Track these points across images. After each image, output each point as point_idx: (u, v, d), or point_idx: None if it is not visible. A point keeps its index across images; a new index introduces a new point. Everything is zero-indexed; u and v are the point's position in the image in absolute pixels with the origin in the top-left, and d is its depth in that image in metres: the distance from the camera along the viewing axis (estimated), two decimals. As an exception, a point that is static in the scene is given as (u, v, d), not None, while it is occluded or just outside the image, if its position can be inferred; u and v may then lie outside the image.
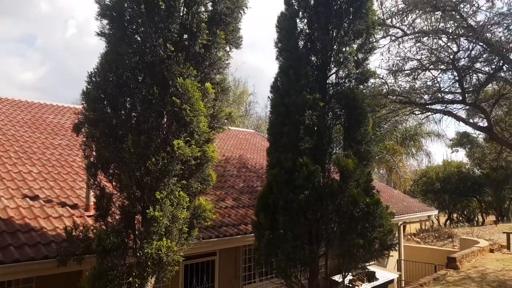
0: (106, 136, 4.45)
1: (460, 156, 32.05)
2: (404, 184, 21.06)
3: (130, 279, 3.98)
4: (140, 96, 4.20)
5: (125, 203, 4.43)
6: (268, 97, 6.80)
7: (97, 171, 4.59)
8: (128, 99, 4.50)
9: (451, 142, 28.83)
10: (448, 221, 33.90)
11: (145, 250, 3.95)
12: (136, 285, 4.00)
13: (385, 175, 25.08)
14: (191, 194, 4.60)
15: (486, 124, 9.14)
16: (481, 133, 15.71)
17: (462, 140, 28.24)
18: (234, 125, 24.59)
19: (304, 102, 6.13)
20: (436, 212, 14.10)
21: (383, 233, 5.36)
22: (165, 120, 4.42)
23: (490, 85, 10.51)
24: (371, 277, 11.02)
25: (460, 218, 35.47)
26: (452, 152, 32.95)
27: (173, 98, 4.11)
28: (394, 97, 9.14)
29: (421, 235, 20.16)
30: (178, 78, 4.12)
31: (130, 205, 4.39)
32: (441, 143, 27.62)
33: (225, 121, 4.98)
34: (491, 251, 13.36)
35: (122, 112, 4.53)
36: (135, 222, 4.47)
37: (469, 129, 33.72)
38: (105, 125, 4.46)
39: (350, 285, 10.54)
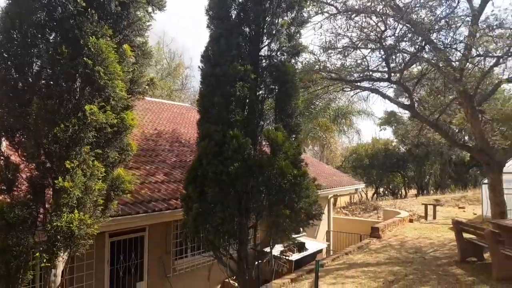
0: (10, 100, 3.99)
1: (388, 134, 34.31)
2: (334, 159, 22.00)
3: (37, 254, 3.67)
4: (47, 56, 3.78)
5: (33, 174, 4.04)
6: (199, 67, 6.57)
7: (1, 139, 4.12)
8: (35, 60, 4.04)
9: (380, 120, 30.57)
10: (375, 195, 36.33)
11: (54, 224, 3.64)
12: (44, 260, 3.70)
13: (319, 152, 26.02)
14: (108, 164, 4.31)
15: (409, 102, 9.70)
16: (406, 111, 16.73)
17: (389, 119, 30.04)
18: (168, 98, 23.89)
19: (235, 73, 6.00)
20: (363, 185, 14.92)
21: (309, 203, 5.49)
22: (78, 84, 4.05)
23: (415, 65, 11.16)
24: (301, 247, 11.49)
25: (386, 192, 38.15)
26: (380, 130, 35.02)
27: (85, 59, 3.75)
28: (326, 74, 9.33)
29: (350, 207, 21.32)
30: (90, 37, 3.75)
31: (38, 176, 4.01)
32: (371, 121, 29.08)
33: (147, 87, 4.70)
34: (411, 221, 14.48)
35: (29, 74, 4.07)
36: (45, 194, 4.11)
37: (396, 109, 35.87)
38: (9, 89, 3.99)
39: (282, 256, 10.89)
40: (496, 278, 7.10)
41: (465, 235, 8.60)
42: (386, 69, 9.25)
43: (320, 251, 12.37)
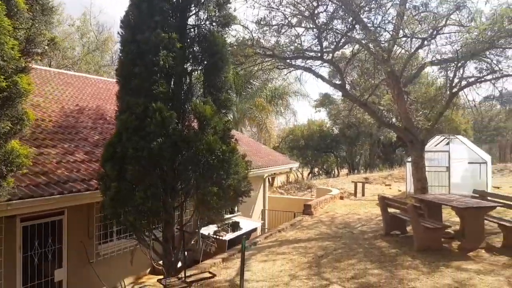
0: None
1: (323, 116, 35.43)
2: (272, 140, 22.16)
3: None
4: None
5: None
6: (118, 33, 5.98)
7: None
8: None
9: (315, 102, 31.33)
10: (310, 174, 37.54)
11: None
12: None
13: (257, 133, 26.09)
14: (-1, 135, 3.70)
15: (341, 82, 9.84)
16: (340, 94, 17.15)
17: (324, 101, 30.89)
18: (96, 74, 22.30)
19: (158, 40, 5.53)
20: (297, 165, 15.17)
21: (238, 180, 5.28)
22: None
23: (347, 46, 11.34)
24: (235, 227, 11.39)
25: (321, 171, 39.55)
26: (316, 112, 35.89)
27: (-39, 7, 3.12)
28: (260, 50, 9.12)
29: (285, 187, 21.71)
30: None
31: None
32: (306, 102, 29.67)
33: (46, 47, 4.10)
34: (341, 198, 15.00)
35: None
36: None
37: (330, 91, 36.90)
38: None
39: (215, 236, 10.70)
40: (417, 249, 7.48)
41: (390, 210, 9.00)
42: (318, 47, 9.25)
43: (255, 229, 12.39)
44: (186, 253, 5.82)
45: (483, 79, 9.97)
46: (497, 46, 8.72)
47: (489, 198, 8.85)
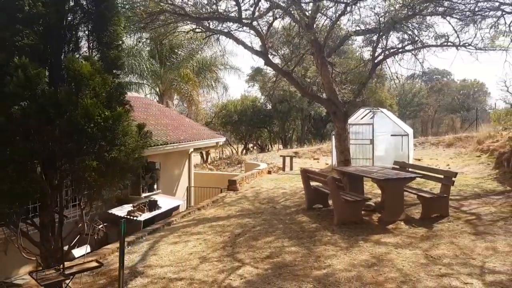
0: None
1: (256, 91, 35.05)
2: (197, 114, 21.11)
3: None
4: None
5: None
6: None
7: None
8: None
9: (247, 77, 30.61)
10: (245, 150, 37.20)
11: None
12: None
13: (187, 108, 24.87)
14: None
15: (262, 49, 9.16)
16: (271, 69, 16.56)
17: (256, 75, 30.28)
18: None
19: (24, -21, 4.36)
20: (223, 139, 14.49)
21: (125, 153, 4.41)
22: None
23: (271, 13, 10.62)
24: (153, 206, 10.46)
25: (255, 147, 39.36)
26: (249, 87, 35.23)
27: None
28: (167, 6, 8.05)
29: (216, 162, 21.02)
30: None
31: None
32: (236, 77, 28.87)
33: None
34: (269, 172, 14.63)
35: None
36: None
37: (263, 66, 36.31)
38: None
39: (129, 216, 9.71)
40: (337, 223, 7.19)
41: (313, 183, 8.65)
42: (236, 8, 8.41)
43: (177, 208, 11.54)
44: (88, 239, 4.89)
45: (404, 50, 9.86)
46: (417, 13, 8.54)
47: (409, 169, 8.84)
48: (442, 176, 7.75)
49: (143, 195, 10.91)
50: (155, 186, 11.52)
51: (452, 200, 8.68)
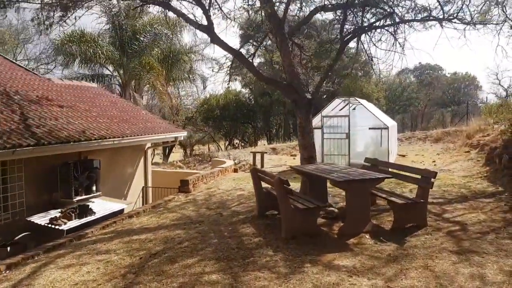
0: None
1: (238, 85, 33.43)
2: (169, 106, 19.42)
3: None
4: None
5: None
6: None
7: None
8: None
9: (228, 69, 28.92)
10: (229, 146, 35.58)
11: None
12: None
13: (157, 103, 23.23)
14: None
15: (206, 23, 7.58)
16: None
17: (237, 68, 28.59)
18: None
19: None
20: (184, 133, 12.89)
21: None
22: None
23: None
24: (84, 211, 8.86)
25: (242, 143, 37.71)
26: (231, 80, 33.50)
27: None
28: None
29: (186, 160, 19.45)
30: None
31: None
32: (219, 70, 27.10)
33: None
34: (235, 170, 13.12)
35: None
36: None
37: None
38: None
39: (50, 225, 8.14)
40: (285, 236, 5.68)
41: (267, 185, 7.12)
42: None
43: (120, 212, 9.96)
44: None
45: (379, 26, 8.31)
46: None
47: (380, 167, 7.35)
48: (419, 177, 6.24)
49: (77, 198, 9.29)
50: (94, 188, 9.91)
51: (434, 204, 7.22)
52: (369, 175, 5.94)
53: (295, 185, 9.42)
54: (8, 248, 7.87)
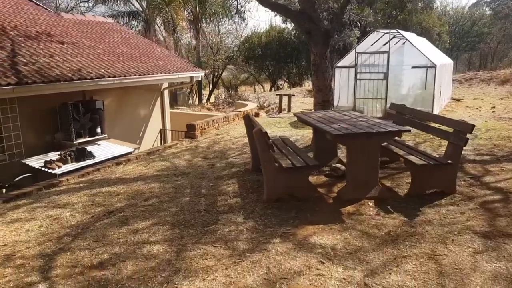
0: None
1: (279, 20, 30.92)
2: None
3: None
4: None
5: None
6: None
7: None
8: None
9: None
10: (273, 88, 34.12)
11: None
12: None
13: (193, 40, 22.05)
14: None
15: None
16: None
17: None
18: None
19: None
20: (201, 73, 11.80)
21: None
22: None
23: None
24: (82, 155, 8.39)
25: (286, 84, 36.02)
26: (275, 15, 31.07)
27: None
28: None
29: (216, 102, 18.59)
30: None
31: None
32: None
33: None
34: (256, 114, 12.02)
35: None
36: None
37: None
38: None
39: (44, 168, 7.75)
40: (266, 200, 4.65)
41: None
42: None
43: (126, 156, 9.43)
44: None
45: None
46: None
47: (408, 116, 5.90)
48: (451, 130, 4.77)
49: (78, 140, 8.81)
50: (99, 130, 9.37)
51: (475, 163, 5.77)
52: (379, 128, 4.59)
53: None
54: (4, 190, 7.67)
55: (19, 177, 7.82)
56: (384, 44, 11.61)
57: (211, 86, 30.67)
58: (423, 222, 3.97)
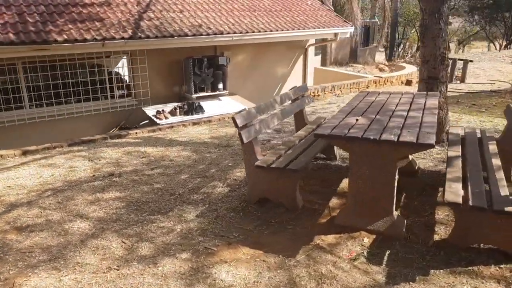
0: None
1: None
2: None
3: None
4: None
5: None
6: None
7: None
8: None
9: None
10: (509, 46, 27.02)
11: None
12: None
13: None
14: None
15: None
16: None
17: None
18: None
19: None
20: (351, 29, 10.07)
21: None
22: None
23: None
24: (192, 109, 8.73)
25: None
26: None
27: None
28: None
29: (406, 59, 16.12)
30: None
31: None
32: None
33: None
34: (408, 82, 9.78)
35: None
36: None
37: None
38: None
39: (153, 118, 8.47)
40: (249, 200, 3.71)
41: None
42: None
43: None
44: None
45: None
46: None
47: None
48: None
49: (197, 95, 9.18)
50: (221, 86, 9.51)
51: None
52: (422, 132, 2.85)
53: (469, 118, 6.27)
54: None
55: (142, 122, 8.85)
56: None
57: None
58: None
